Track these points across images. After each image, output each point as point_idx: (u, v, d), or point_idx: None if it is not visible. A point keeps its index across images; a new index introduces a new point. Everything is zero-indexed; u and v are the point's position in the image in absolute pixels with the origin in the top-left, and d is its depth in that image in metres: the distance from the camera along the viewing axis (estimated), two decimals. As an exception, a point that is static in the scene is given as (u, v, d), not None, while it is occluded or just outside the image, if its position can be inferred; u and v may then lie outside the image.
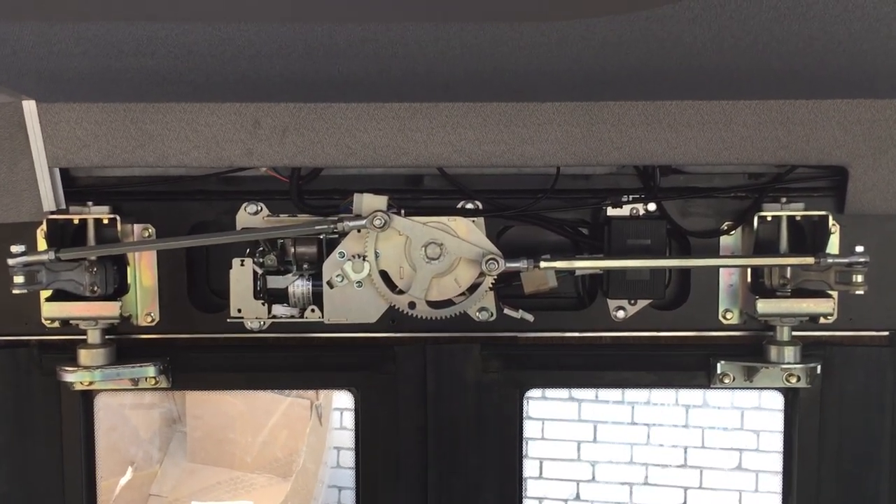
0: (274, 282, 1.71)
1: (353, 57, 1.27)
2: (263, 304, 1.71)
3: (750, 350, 1.74)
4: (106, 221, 1.69)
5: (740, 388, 1.68)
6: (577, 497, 6.21)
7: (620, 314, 1.74)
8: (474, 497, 1.82)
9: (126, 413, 4.90)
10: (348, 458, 6.37)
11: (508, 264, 1.60)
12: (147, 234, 1.74)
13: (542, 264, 1.62)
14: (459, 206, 1.70)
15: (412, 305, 1.61)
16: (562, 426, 6.20)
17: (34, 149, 1.60)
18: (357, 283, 1.66)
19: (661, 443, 6.12)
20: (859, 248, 1.61)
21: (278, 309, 1.73)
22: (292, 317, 1.73)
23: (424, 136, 1.60)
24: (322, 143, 1.60)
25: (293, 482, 5.01)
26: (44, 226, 1.67)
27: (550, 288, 1.72)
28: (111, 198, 1.73)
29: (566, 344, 1.80)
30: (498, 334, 1.79)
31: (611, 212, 1.71)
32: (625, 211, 1.71)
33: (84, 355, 1.66)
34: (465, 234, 1.64)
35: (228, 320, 1.72)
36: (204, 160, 1.62)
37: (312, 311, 1.71)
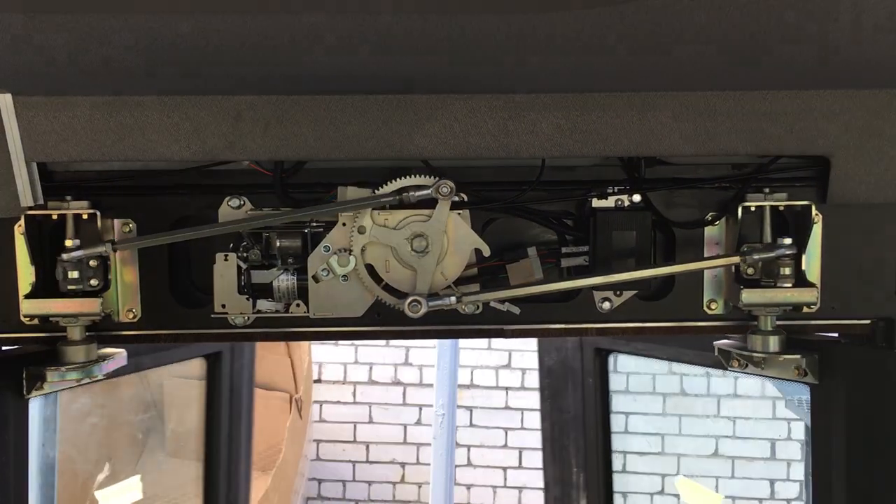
0: (258, 276, 1.69)
1: (337, 49, 1.25)
2: (248, 298, 1.69)
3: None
4: (85, 217, 1.66)
5: (755, 375, 1.69)
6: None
7: (606, 305, 1.75)
8: None
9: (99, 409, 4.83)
10: (328, 451, 6.38)
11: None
12: (127, 230, 1.71)
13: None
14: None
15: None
16: (539, 415, 6.25)
17: (10, 143, 1.57)
18: (342, 276, 1.65)
19: (640, 431, 6.20)
20: (786, 241, 1.62)
21: (263, 304, 1.71)
22: (277, 311, 1.71)
23: (409, 129, 1.59)
24: (305, 136, 1.59)
25: (274, 475, 5.00)
26: (21, 221, 1.64)
27: (537, 280, 1.72)
28: (90, 192, 1.70)
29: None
30: (484, 327, 1.78)
31: (596, 203, 1.71)
32: (610, 202, 1.71)
33: (70, 352, 1.63)
34: (451, 226, 1.63)
35: (213, 315, 1.70)
36: (185, 154, 1.59)
37: (298, 305, 1.69)
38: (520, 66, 1.40)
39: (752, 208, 1.67)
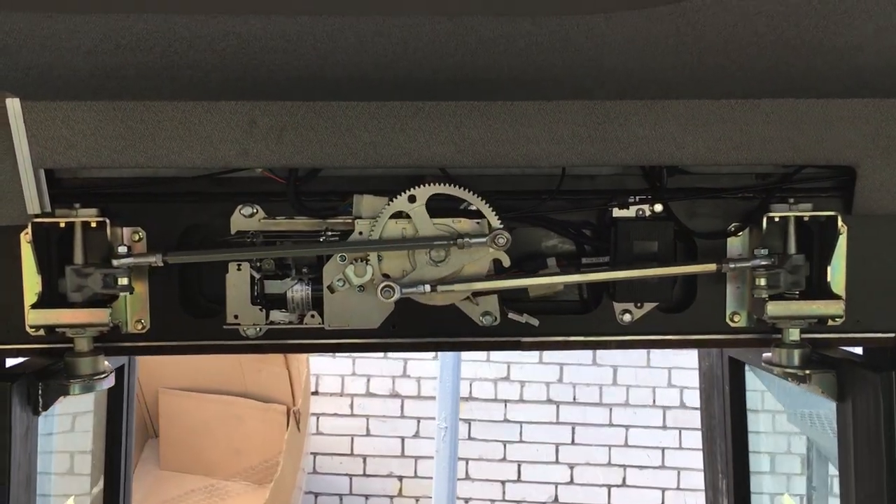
0: (272, 286, 1.65)
1: (353, 54, 1.22)
2: (261, 309, 1.65)
3: (757, 353, 1.72)
4: (94, 225, 1.61)
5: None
6: (556, 499, 6.21)
7: (627, 318, 1.71)
8: None
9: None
10: (325, 464, 6.31)
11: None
12: (137, 238, 1.67)
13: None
14: (462, 207, 1.66)
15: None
16: (539, 428, 6.21)
17: (18, 149, 1.52)
18: (359, 287, 1.61)
19: (639, 444, 6.16)
20: (762, 251, 1.60)
21: (276, 315, 1.66)
22: (290, 323, 1.67)
23: (427, 136, 1.55)
24: (321, 143, 1.55)
25: (272, 489, 4.93)
26: (28, 229, 1.59)
27: (556, 292, 1.68)
28: (99, 200, 1.66)
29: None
30: (501, 339, 1.74)
31: (617, 213, 1.68)
32: (631, 212, 1.68)
33: (78, 365, 1.58)
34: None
35: (225, 327, 1.66)
36: (197, 160, 1.55)
37: (312, 316, 1.65)
38: (540, 73, 1.37)
39: (777, 219, 1.64)
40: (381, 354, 6.22)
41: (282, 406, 5.51)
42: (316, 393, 6.22)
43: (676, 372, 6.11)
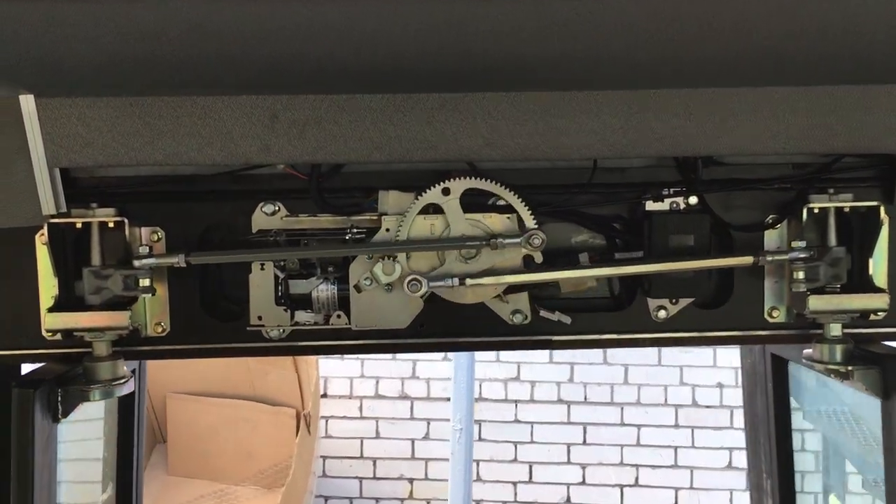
0: (296, 286, 1.60)
1: (377, 44, 1.17)
2: (286, 310, 1.60)
3: (799, 350, 1.67)
4: (112, 225, 1.56)
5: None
6: (568, 500, 6.15)
7: (662, 314, 1.66)
8: None
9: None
10: (335, 467, 6.26)
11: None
12: (156, 238, 1.62)
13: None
14: (490, 202, 1.61)
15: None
16: (550, 428, 6.15)
17: (32, 147, 1.47)
18: (386, 286, 1.55)
19: (651, 443, 6.11)
20: (801, 244, 1.56)
21: (301, 315, 1.61)
22: (316, 323, 1.62)
23: (454, 129, 1.50)
24: (345, 138, 1.50)
25: (284, 493, 4.88)
26: (44, 230, 1.54)
27: (588, 288, 1.63)
28: (116, 199, 1.61)
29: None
30: (532, 338, 1.69)
31: (650, 206, 1.63)
32: (665, 205, 1.63)
33: (97, 370, 1.53)
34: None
35: (249, 328, 1.60)
36: (217, 157, 1.50)
37: (339, 316, 1.60)
38: (570, 62, 1.32)
39: (816, 210, 1.58)
40: (389, 355, 6.16)
41: (291, 409, 5.45)
42: (325, 395, 6.17)
43: (688, 370, 6.06)
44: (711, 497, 6.05)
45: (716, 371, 6.04)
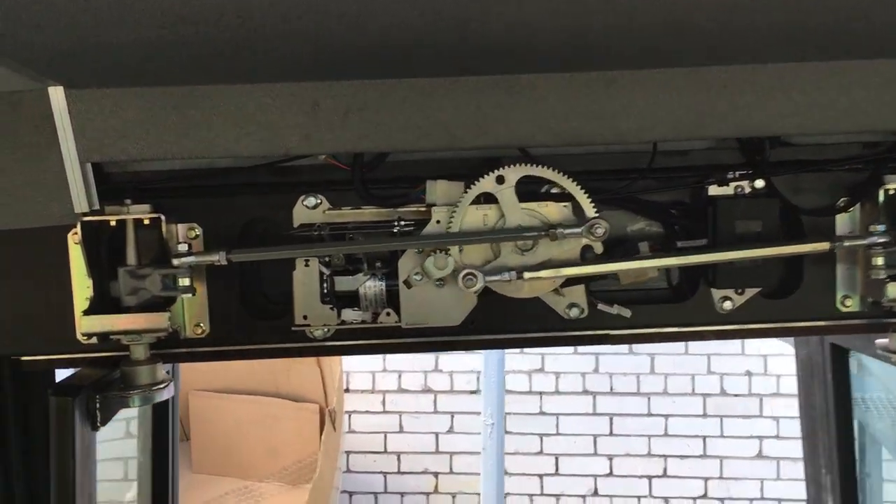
0: (342, 283, 1.52)
1: (422, 24, 1.09)
2: (332, 308, 1.51)
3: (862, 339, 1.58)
4: (147, 222, 1.48)
5: None
6: (596, 492, 6.08)
7: (727, 305, 1.57)
8: None
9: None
10: (358, 462, 6.21)
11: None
12: (194, 235, 1.54)
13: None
14: (543, 190, 1.52)
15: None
16: (576, 420, 6.08)
17: (63, 141, 1.40)
18: (437, 280, 1.47)
19: (679, 433, 6.02)
20: (879, 227, 1.47)
21: (348, 313, 1.53)
22: (363, 322, 1.54)
23: (505, 113, 1.41)
24: (389, 125, 1.41)
25: (311, 491, 4.82)
26: (77, 229, 1.46)
27: (647, 279, 1.55)
28: (151, 195, 1.53)
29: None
30: (588, 333, 1.61)
31: (713, 191, 1.54)
32: (729, 189, 1.53)
33: (136, 374, 1.46)
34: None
35: (293, 328, 1.53)
36: (256, 149, 1.42)
37: (388, 314, 1.52)
38: (627, 38, 1.23)
39: (892, 191, 1.49)
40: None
41: (314, 405, 5.40)
42: (347, 390, 6.11)
43: (716, 358, 5.96)
44: (741, 486, 5.96)
45: (744, 359, 5.95)
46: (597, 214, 1.45)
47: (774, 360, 5.93)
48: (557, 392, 6.11)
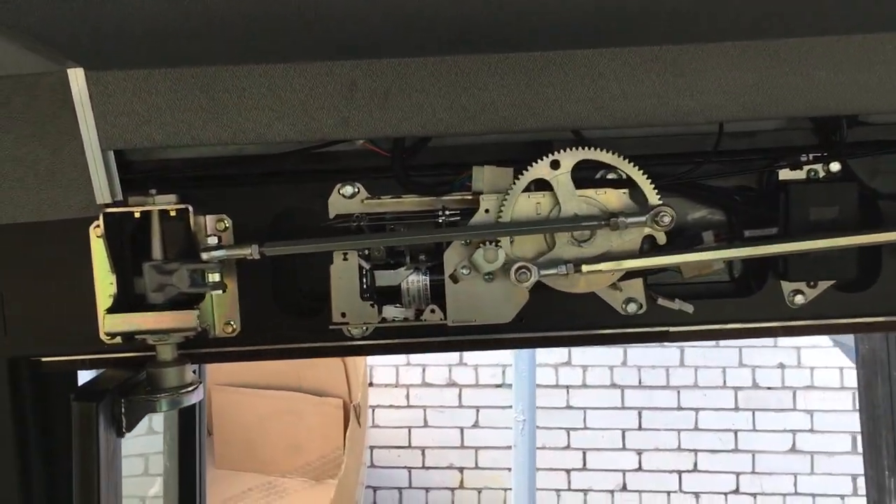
0: (383, 278, 1.41)
1: None
2: (372, 305, 1.41)
3: None
4: (174, 213, 1.38)
5: None
6: (624, 487, 5.97)
7: (799, 299, 1.45)
8: None
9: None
10: (383, 457, 6.13)
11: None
12: (223, 227, 1.44)
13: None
14: (599, 176, 1.40)
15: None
16: (604, 414, 5.96)
17: (83, 128, 1.30)
18: (487, 274, 1.36)
19: (710, 427, 5.89)
20: None
21: (389, 310, 1.42)
22: (406, 319, 1.43)
23: (558, 92, 1.30)
24: (433, 107, 1.30)
25: (336, 487, 4.75)
26: (99, 221, 1.36)
27: (714, 271, 1.43)
28: (177, 184, 1.43)
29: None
30: (646, 329, 1.49)
31: (784, 175, 1.42)
32: (801, 173, 1.41)
33: (163, 376, 1.36)
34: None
35: (331, 326, 1.42)
36: (290, 133, 1.31)
37: (433, 311, 1.41)
38: (693, 8, 1.11)
39: None
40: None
41: (338, 400, 5.34)
42: (371, 384, 6.03)
43: (748, 351, 5.82)
44: (774, 481, 5.83)
45: (776, 351, 5.81)
46: (661, 202, 1.33)
47: (808, 352, 5.78)
48: (585, 385, 5.99)
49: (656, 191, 1.34)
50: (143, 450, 3.87)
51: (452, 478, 6.08)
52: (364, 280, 1.41)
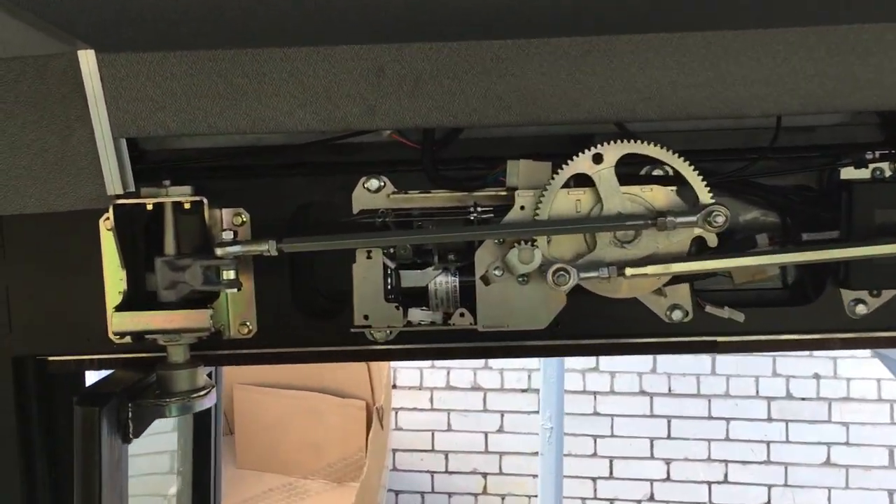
0: (409, 278, 1.32)
1: None
2: (397, 307, 1.32)
3: None
4: (188, 206, 1.31)
5: None
6: (652, 498, 5.84)
7: (860, 309, 1.34)
8: None
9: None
10: (405, 461, 6.05)
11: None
12: (240, 222, 1.36)
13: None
14: (643, 172, 1.30)
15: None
16: (632, 421, 5.83)
17: (94, 114, 1.22)
18: (521, 276, 1.26)
19: (742, 437, 5.75)
20: None
21: (415, 313, 1.33)
22: (433, 323, 1.34)
23: (602, 81, 1.20)
24: (466, 95, 1.21)
25: (358, 490, 4.68)
26: (109, 213, 1.29)
27: (769, 277, 1.32)
28: (191, 175, 1.35)
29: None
30: (692, 339, 1.39)
31: (847, 174, 1.30)
32: (866, 172, 1.30)
33: (174, 378, 1.28)
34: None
35: (353, 330, 1.33)
36: (312, 122, 1.23)
37: (462, 315, 1.31)
38: None
39: None
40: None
41: (360, 401, 5.28)
42: (394, 386, 5.96)
43: (781, 360, 5.66)
44: (807, 495, 5.66)
45: (812, 361, 5.64)
46: (713, 200, 1.22)
47: (844, 362, 5.61)
48: (612, 392, 5.86)
49: (708, 189, 1.23)
50: (166, 447, 3.83)
51: (476, 483, 5.98)
52: (389, 280, 1.32)
